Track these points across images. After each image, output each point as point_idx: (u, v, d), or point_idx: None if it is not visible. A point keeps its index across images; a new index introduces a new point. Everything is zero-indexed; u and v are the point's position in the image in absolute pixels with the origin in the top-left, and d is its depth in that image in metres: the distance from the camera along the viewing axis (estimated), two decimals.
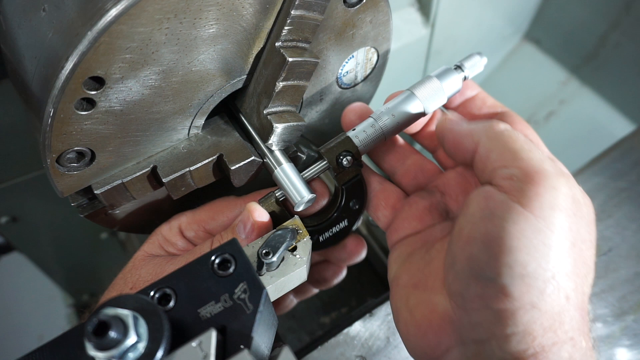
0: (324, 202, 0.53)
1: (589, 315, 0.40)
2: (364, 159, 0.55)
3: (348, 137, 0.50)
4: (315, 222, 0.53)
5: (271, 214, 0.50)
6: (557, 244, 0.37)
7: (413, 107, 0.50)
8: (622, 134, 0.81)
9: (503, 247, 0.37)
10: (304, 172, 0.51)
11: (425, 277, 0.44)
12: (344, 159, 0.50)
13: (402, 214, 0.51)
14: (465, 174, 0.50)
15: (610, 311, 0.63)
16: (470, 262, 0.39)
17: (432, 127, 0.54)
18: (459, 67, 0.52)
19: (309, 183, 0.51)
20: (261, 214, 0.49)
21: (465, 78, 0.52)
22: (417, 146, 0.58)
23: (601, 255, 0.67)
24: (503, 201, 0.38)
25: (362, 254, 0.57)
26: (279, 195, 0.51)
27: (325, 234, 0.53)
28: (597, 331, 0.62)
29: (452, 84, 0.51)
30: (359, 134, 0.50)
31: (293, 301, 0.61)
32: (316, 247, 0.53)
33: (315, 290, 0.62)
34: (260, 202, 0.51)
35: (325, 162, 0.51)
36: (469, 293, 0.39)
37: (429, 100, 0.50)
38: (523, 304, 0.36)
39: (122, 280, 0.52)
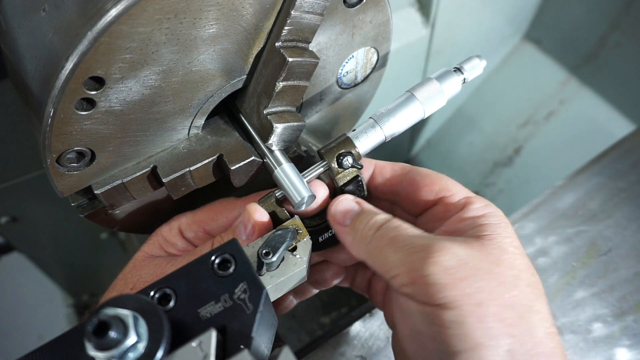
0: (324, 203, 0.53)
1: (558, 350, 0.39)
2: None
3: (349, 137, 0.50)
4: (314, 222, 0.53)
5: (271, 214, 0.50)
6: (462, 316, 0.38)
7: (413, 109, 0.50)
8: (622, 134, 0.81)
9: (425, 339, 0.41)
10: (304, 173, 0.51)
11: None
12: (345, 160, 0.50)
13: (389, 299, 0.53)
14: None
15: (610, 311, 0.63)
16: None
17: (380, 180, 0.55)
18: (458, 70, 0.52)
19: (308, 183, 0.51)
20: (261, 215, 0.49)
21: (464, 80, 0.52)
22: None
23: (601, 255, 0.68)
24: (404, 301, 0.42)
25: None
26: (278, 195, 0.51)
27: (325, 234, 0.53)
28: (597, 331, 0.62)
29: (451, 86, 0.51)
30: (360, 135, 0.50)
31: (293, 302, 0.61)
32: (316, 247, 0.53)
33: (315, 291, 0.62)
34: (260, 202, 0.51)
35: (325, 163, 0.51)
36: None
37: (429, 101, 0.51)
38: None
39: (122, 280, 0.52)
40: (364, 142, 0.50)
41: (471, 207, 0.45)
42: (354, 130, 0.51)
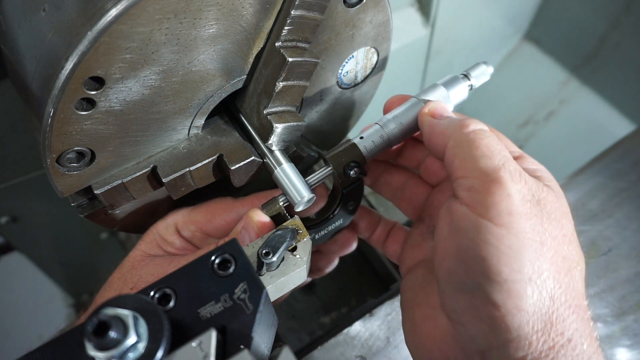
0: (322, 204, 0.54)
1: (589, 313, 0.40)
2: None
3: (354, 144, 0.50)
4: (312, 221, 0.53)
5: (273, 218, 0.50)
6: (524, 247, 0.37)
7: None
8: (622, 134, 0.81)
9: (474, 258, 0.38)
10: (308, 178, 0.50)
11: (427, 296, 0.46)
12: (352, 170, 0.49)
13: (406, 246, 0.54)
14: (445, 191, 0.52)
15: (610, 311, 0.63)
16: (450, 277, 0.40)
17: (410, 150, 0.55)
18: (465, 76, 0.52)
19: (313, 188, 0.51)
20: (265, 221, 0.49)
21: (471, 87, 0.52)
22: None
23: (601, 255, 0.68)
24: (465, 214, 0.39)
25: (353, 247, 0.59)
26: (282, 201, 0.50)
27: (322, 232, 0.53)
28: (597, 331, 0.62)
29: (458, 93, 0.51)
30: (366, 142, 0.50)
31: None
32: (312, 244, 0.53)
33: (309, 279, 0.63)
34: (263, 207, 0.50)
35: (329, 169, 0.50)
36: (459, 306, 0.40)
37: None
38: (509, 310, 0.37)
39: (120, 280, 0.51)
40: (370, 149, 0.50)
41: (527, 159, 0.45)
42: (361, 138, 0.50)
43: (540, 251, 0.38)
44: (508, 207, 0.38)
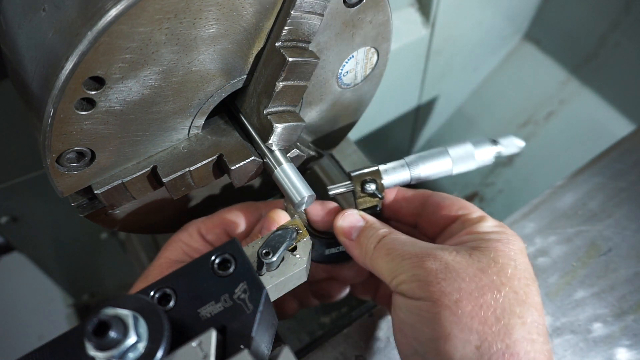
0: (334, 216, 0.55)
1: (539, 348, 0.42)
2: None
3: (378, 170, 0.55)
4: (326, 235, 0.54)
5: None
6: (440, 312, 0.43)
7: (442, 163, 0.55)
8: (622, 134, 0.81)
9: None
10: (330, 188, 0.55)
11: None
12: (368, 186, 0.54)
13: None
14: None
15: (610, 311, 0.63)
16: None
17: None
18: (495, 141, 0.57)
19: (334, 199, 0.53)
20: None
21: (498, 154, 0.57)
22: None
23: (601, 255, 0.67)
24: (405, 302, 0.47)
25: (367, 275, 0.60)
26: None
27: (332, 249, 0.54)
28: (597, 331, 0.62)
29: (483, 154, 0.56)
30: (389, 170, 0.55)
31: (296, 310, 0.63)
32: (320, 259, 0.54)
33: (317, 302, 0.65)
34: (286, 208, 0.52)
35: (350, 184, 0.55)
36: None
37: (459, 161, 0.56)
38: None
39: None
40: (390, 177, 0.55)
41: (483, 224, 0.49)
42: (385, 165, 0.55)
43: (455, 308, 0.42)
44: (414, 284, 0.44)
